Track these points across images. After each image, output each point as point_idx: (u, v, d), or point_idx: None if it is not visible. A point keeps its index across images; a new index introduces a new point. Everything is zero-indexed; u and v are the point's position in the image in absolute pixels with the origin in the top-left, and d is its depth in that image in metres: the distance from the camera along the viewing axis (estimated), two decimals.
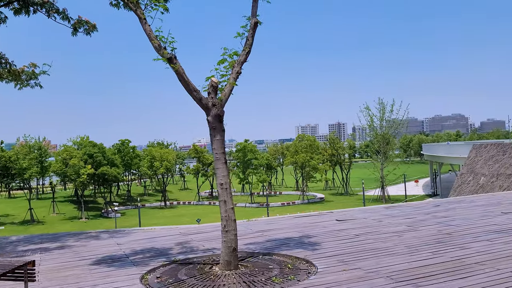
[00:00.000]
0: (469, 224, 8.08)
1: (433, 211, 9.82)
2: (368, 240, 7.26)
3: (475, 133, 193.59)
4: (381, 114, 58.30)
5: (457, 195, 40.57)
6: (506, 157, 35.76)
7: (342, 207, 53.51)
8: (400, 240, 7.10)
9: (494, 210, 9.57)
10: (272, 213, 51.48)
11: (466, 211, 9.59)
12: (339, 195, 68.78)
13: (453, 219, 8.71)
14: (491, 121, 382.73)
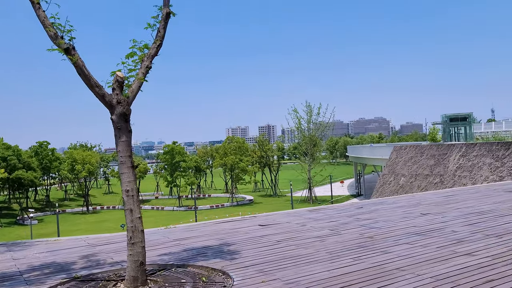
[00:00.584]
0: (391, 227, 8.02)
1: (356, 213, 9.74)
2: (289, 246, 6.93)
3: (396, 136, 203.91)
4: (308, 117, 59.58)
5: (379, 195, 42.16)
6: (424, 158, 37.62)
7: (271, 209, 53.95)
8: (322, 246, 6.83)
9: (414, 211, 9.66)
10: (200, 216, 50.67)
11: (388, 213, 9.60)
12: (268, 196, 69.34)
13: (376, 221, 8.63)
14: (410, 124, 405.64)
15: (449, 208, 9.74)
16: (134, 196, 5.37)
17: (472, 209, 9.51)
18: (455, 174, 32.33)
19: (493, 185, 14.15)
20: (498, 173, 28.09)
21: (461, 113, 57.60)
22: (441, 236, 6.97)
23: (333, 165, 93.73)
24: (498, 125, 77.01)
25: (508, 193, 11.77)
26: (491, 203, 10.23)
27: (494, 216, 8.45)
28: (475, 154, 31.06)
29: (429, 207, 10.04)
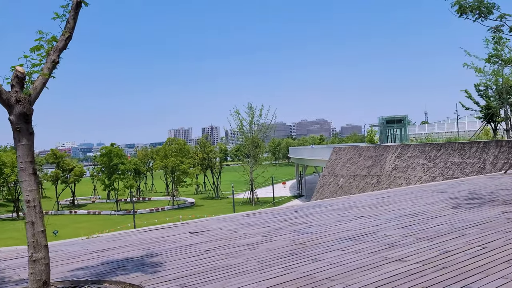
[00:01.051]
0: (324, 231, 7.80)
1: (291, 218, 9.49)
2: (218, 256, 6.51)
3: (336, 137, 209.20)
4: (250, 118, 59.51)
5: (319, 196, 42.72)
6: (361, 159, 38.49)
7: (213, 211, 53.23)
8: (253, 254, 6.46)
9: (348, 214, 9.54)
10: (139, 220, 49.19)
11: (323, 217, 9.42)
12: (210, 199, 68.65)
13: (310, 226, 8.40)
14: (350, 126, 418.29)
15: (383, 210, 9.72)
16: (36, 207, 4.74)
17: (405, 211, 9.52)
18: (391, 175, 33.29)
19: (425, 186, 14.47)
20: (430, 174, 29.17)
21: (397, 115, 59.72)
22: (374, 241, 6.81)
23: (275, 166, 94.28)
24: (431, 127, 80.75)
25: (439, 194, 12.00)
26: (423, 204, 10.33)
27: (426, 218, 8.47)
28: (409, 155, 32.13)
29: (363, 210, 9.97)
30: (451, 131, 70.71)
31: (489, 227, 7.34)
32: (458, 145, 28.09)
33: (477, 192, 11.92)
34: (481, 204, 9.77)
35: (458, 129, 64.06)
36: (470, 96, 41.30)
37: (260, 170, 61.01)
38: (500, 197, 10.72)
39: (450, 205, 9.98)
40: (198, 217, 50.48)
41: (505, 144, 24.62)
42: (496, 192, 11.69)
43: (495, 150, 25.04)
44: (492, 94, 38.84)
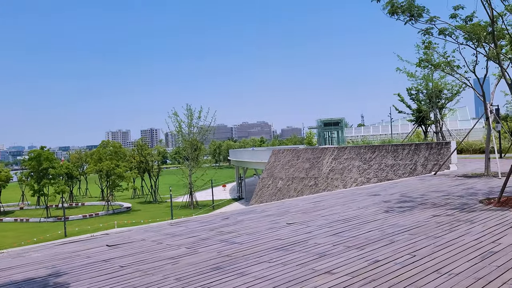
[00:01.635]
0: (254, 240, 7.35)
1: (220, 226, 8.97)
2: (135, 273, 5.86)
3: (277, 139, 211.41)
4: (189, 120, 58.40)
5: (258, 198, 42.56)
6: (300, 161, 38.74)
7: (150, 216, 51.59)
8: (173, 270, 5.88)
9: (281, 220, 9.17)
10: (71, 227, 46.79)
11: (254, 224, 8.98)
12: (147, 203, 66.69)
13: (239, 235, 7.93)
14: (290, 128, 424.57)
15: (315, 216, 9.44)
16: None
17: (337, 216, 9.29)
18: (328, 177, 33.69)
19: (358, 189, 14.47)
20: (365, 175, 29.75)
21: (334, 118, 60.95)
22: (303, 251, 6.44)
23: (215, 169, 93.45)
24: (367, 130, 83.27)
25: (372, 197, 11.95)
26: (356, 208, 10.17)
27: (357, 224, 8.25)
28: (346, 157, 32.65)
29: (296, 215, 9.65)
30: (386, 133, 73.32)
31: (419, 232, 7.20)
32: (391, 147, 28.84)
33: (408, 195, 11.98)
34: (412, 208, 9.75)
35: (392, 132, 66.45)
36: (402, 100, 42.79)
37: (200, 173, 60.00)
38: (430, 200, 10.79)
39: (382, 209, 9.88)
40: (134, 222, 48.79)
41: (434, 146, 25.51)
42: (427, 195, 11.80)
43: (426, 152, 25.89)
44: (423, 98, 40.42)
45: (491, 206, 9.41)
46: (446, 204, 9.96)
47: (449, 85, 37.25)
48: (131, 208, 60.31)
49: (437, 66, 16.19)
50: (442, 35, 9.86)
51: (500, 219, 8.00)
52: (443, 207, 9.64)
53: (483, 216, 8.37)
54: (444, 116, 41.03)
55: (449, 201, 10.40)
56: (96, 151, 60.53)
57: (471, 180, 15.04)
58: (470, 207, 9.40)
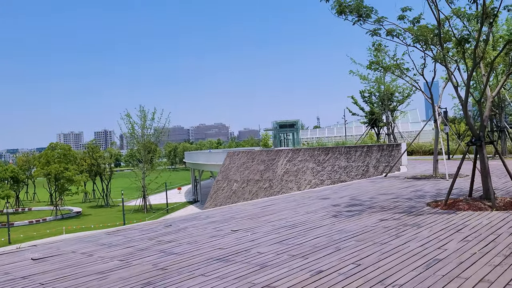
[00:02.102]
0: (193, 251, 6.87)
1: (161, 234, 8.43)
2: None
3: (234, 141, 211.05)
4: (142, 122, 57.03)
5: (213, 201, 41.98)
6: (254, 163, 38.46)
7: (101, 220, 49.90)
8: (99, 286, 5.32)
9: (226, 227, 8.73)
10: (16, 234, 44.60)
11: (197, 231, 8.49)
12: (99, 207, 64.67)
13: (179, 244, 7.43)
14: (247, 130, 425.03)
15: (262, 222, 9.06)
16: None
17: (285, 221, 8.95)
18: (282, 179, 33.57)
19: (309, 192, 14.24)
20: (319, 177, 29.81)
21: (289, 120, 61.17)
22: (244, 261, 6.03)
23: (169, 171, 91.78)
24: (322, 131, 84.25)
25: (321, 201, 11.72)
26: (304, 213, 9.88)
27: (304, 230, 7.93)
28: (300, 159, 32.64)
29: (243, 222, 9.24)
30: (340, 135, 74.34)
31: (365, 239, 6.95)
32: (344, 149, 29.02)
33: (358, 198, 11.83)
34: (361, 212, 9.55)
35: (346, 134, 67.43)
36: (356, 102, 43.37)
37: (153, 175, 58.66)
38: (379, 203, 10.66)
39: (330, 213, 9.63)
40: (83, 228, 47.02)
41: (386, 148, 25.83)
42: (376, 198, 11.69)
43: (377, 153, 26.18)
44: (376, 100, 41.10)
45: (438, 209, 9.35)
46: (394, 208, 9.83)
47: (400, 88, 38.06)
48: (81, 213, 58.23)
49: (387, 68, 16.24)
50: (390, 36, 9.75)
51: (446, 223, 7.89)
52: (391, 210, 9.50)
53: (429, 219, 8.25)
54: (396, 118, 41.89)
55: (397, 204, 10.29)
56: (44, 154, 57.99)
57: (420, 182, 15.15)
58: (418, 210, 9.30)
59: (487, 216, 8.23)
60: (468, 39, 8.81)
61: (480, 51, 9.11)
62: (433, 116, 16.37)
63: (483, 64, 9.80)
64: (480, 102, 9.17)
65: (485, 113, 9.19)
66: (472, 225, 7.57)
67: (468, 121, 9.33)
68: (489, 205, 8.98)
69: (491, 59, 10.78)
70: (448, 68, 9.56)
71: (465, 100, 9.26)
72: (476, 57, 8.88)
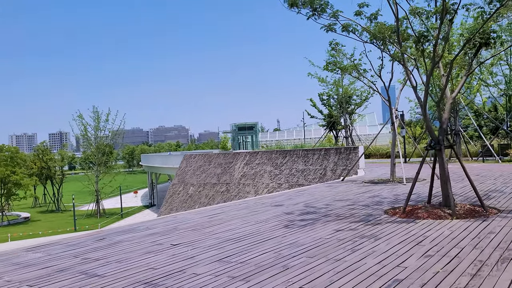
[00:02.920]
0: (120, 271, 5.90)
1: (89, 250, 7.39)
2: None
3: (193, 144, 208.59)
4: (96, 123, 54.82)
5: (168, 205, 40.69)
6: (211, 167, 37.46)
7: (50, 226, 47.41)
8: None
9: (166, 240, 7.79)
10: None
11: (132, 246, 7.50)
12: (49, 212, 61.75)
13: (107, 263, 6.43)
14: (208, 132, 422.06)
15: (207, 234, 8.17)
16: None
17: (231, 233, 8.10)
18: (239, 182, 32.72)
19: (263, 198, 13.44)
20: (277, 181, 29.16)
21: (248, 122, 60.46)
22: (174, 286, 5.12)
23: (124, 174, 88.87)
24: (281, 134, 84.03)
25: (274, 208, 10.94)
26: (255, 222, 9.06)
27: (251, 244, 7.10)
28: (258, 162, 31.90)
29: (185, 233, 8.32)
30: (299, 138, 74.34)
31: (318, 254, 6.19)
32: (302, 152, 28.50)
33: (313, 205, 11.13)
34: (315, 221, 8.82)
35: (305, 136, 67.40)
36: (315, 105, 43.13)
37: (107, 179, 56.45)
38: (335, 211, 9.99)
39: (282, 222, 8.85)
40: (31, 234, 44.52)
41: (343, 151, 25.45)
42: (332, 204, 11.03)
43: (335, 157, 25.77)
44: (334, 103, 40.98)
45: (396, 217, 8.75)
46: (350, 216, 9.17)
47: (358, 91, 38.07)
48: (30, 219, 55.33)
49: (344, 69, 15.72)
50: (346, 31, 9.11)
51: (405, 233, 7.25)
52: (347, 219, 8.82)
53: (388, 230, 7.60)
54: (354, 121, 41.92)
55: (354, 212, 9.64)
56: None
57: (377, 186, 14.66)
58: (375, 219, 8.66)
59: (448, 226, 7.67)
60: (427, 37, 8.26)
61: (440, 49, 8.60)
62: (391, 119, 15.97)
63: (442, 64, 9.32)
64: (439, 103, 8.64)
65: (445, 115, 8.68)
66: (432, 236, 6.96)
67: (428, 123, 8.80)
68: (449, 213, 8.45)
69: (450, 59, 10.36)
70: (407, 68, 9.00)
71: (424, 102, 8.72)
72: (436, 56, 8.35)
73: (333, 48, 14.74)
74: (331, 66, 15.90)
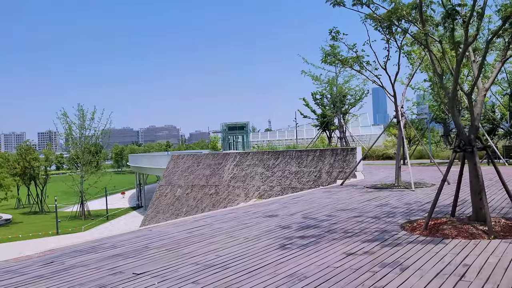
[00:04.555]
0: None
1: (27, 280, 5.66)
2: None
3: (184, 144, 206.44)
4: (81, 122, 52.74)
5: (155, 208, 38.89)
6: (200, 168, 35.72)
7: (32, 229, 45.30)
8: None
9: (129, 266, 6.08)
10: None
11: (84, 274, 5.79)
12: (33, 214, 59.50)
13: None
14: (199, 132, 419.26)
15: (183, 257, 6.47)
16: None
17: (214, 255, 6.42)
18: (229, 185, 31.01)
19: (254, 206, 11.74)
20: (268, 183, 27.48)
21: (239, 122, 58.79)
22: None
23: (110, 174, 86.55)
24: (273, 134, 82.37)
25: (267, 220, 9.27)
26: (243, 240, 7.38)
27: (237, 275, 5.42)
28: (248, 163, 30.22)
29: (157, 255, 6.62)
30: (291, 139, 72.65)
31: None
32: (295, 153, 26.87)
33: (312, 216, 9.48)
34: (318, 238, 7.17)
35: (297, 137, 65.82)
36: (307, 105, 41.58)
37: (93, 179, 54.26)
38: (340, 224, 8.34)
39: (277, 240, 7.18)
40: (10, 238, 42.44)
41: (340, 152, 23.87)
42: (335, 216, 9.38)
43: (331, 158, 24.18)
44: (327, 103, 39.49)
45: (417, 234, 7.11)
46: (360, 232, 7.52)
47: (353, 90, 36.60)
48: (11, 220, 53.08)
49: (345, 62, 14.10)
50: (358, 5, 7.48)
51: (437, 260, 5.61)
52: (357, 236, 7.18)
53: (413, 254, 5.96)
54: (348, 121, 40.42)
55: (363, 226, 8.01)
56: None
57: (382, 192, 13.05)
58: (392, 237, 7.02)
59: (489, 249, 6.04)
60: (459, 12, 6.65)
61: (473, 28, 7.00)
62: (396, 117, 14.38)
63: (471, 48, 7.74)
64: (470, 96, 7.04)
65: (477, 110, 7.08)
66: (476, 265, 5.32)
67: (457, 120, 7.21)
68: (483, 230, 6.84)
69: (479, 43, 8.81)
70: (431, 51, 7.38)
71: (453, 93, 7.12)
72: (468, 37, 6.75)
73: (333, 37, 13.10)
74: (330, 58, 14.27)
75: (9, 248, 37.26)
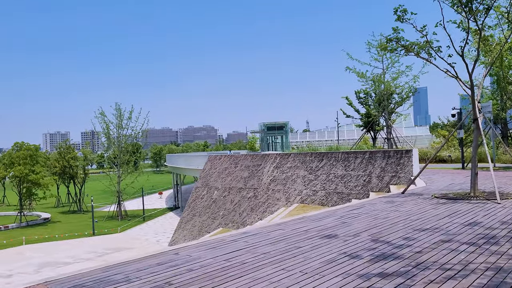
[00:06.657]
0: None
1: None
2: None
3: (221, 144, 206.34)
4: (118, 121, 52.13)
5: (191, 210, 37.44)
6: (238, 169, 33.94)
7: (68, 229, 44.68)
8: None
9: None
10: None
11: None
12: (71, 213, 59.58)
13: None
14: (236, 133, 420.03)
15: None
16: None
17: None
18: (269, 188, 29.03)
19: (304, 220, 9.65)
20: (311, 187, 25.31)
21: (278, 122, 56.80)
22: None
23: (147, 174, 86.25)
24: (312, 135, 79.83)
25: (325, 242, 7.18)
26: (300, 274, 5.35)
27: None
28: (289, 165, 28.16)
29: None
30: (331, 139, 70.01)
31: None
32: (341, 155, 24.59)
33: (384, 238, 7.34)
34: (407, 279, 5.05)
35: (338, 137, 63.19)
36: (351, 104, 39.15)
37: (130, 179, 53.60)
38: (428, 254, 6.18)
39: (349, 279, 5.11)
40: (47, 238, 42.02)
41: (393, 154, 21.45)
42: (414, 238, 7.21)
43: (382, 161, 21.79)
44: (372, 102, 37.00)
45: None
46: (464, 269, 5.35)
47: (400, 88, 33.95)
48: (49, 219, 53.10)
49: (410, 48, 11.85)
50: None
51: None
52: (464, 278, 5.02)
53: None
54: (393, 122, 37.70)
55: (462, 258, 5.83)
56: (7, 155, 52.78)
57: (459, 205, 10.72)
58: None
59: None
60: None
61: None
62: (473, 113, 12.00)
63: None
64: None
65: None
66: None
67: None
68: None
69: None
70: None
71: None
72: None
73: (398, 17, 10.90)
74: (392, 44, 12.05)
75: (41, 250, 36.66)
